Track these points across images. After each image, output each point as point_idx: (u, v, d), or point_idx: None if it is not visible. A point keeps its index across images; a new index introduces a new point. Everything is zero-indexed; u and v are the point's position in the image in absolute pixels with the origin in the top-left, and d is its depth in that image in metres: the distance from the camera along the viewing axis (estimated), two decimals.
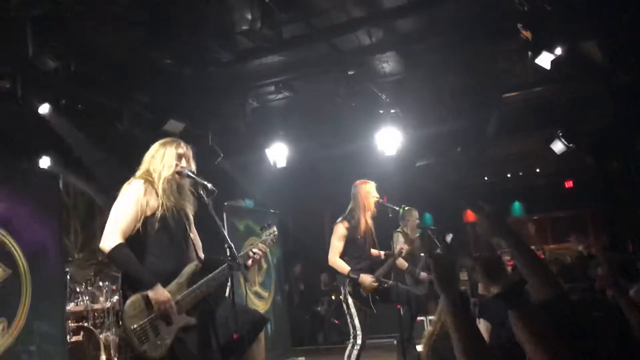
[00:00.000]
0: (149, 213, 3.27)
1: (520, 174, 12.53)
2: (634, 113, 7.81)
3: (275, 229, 3.94)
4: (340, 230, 5.41)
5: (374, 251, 5.72)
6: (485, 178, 12.56)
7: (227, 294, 3.69)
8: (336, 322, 9.69)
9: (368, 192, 5.51)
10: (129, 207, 3.25)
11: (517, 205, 13.56)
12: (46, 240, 5.92)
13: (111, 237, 3.18)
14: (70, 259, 7.15)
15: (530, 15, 5.82)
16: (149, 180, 3.35)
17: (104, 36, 6.18)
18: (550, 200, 12.60)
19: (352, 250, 5.40)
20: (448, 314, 1.61)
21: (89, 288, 6.87)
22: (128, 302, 3.14)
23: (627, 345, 1.73)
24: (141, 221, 3.26)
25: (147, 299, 3.13)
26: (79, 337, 6.36)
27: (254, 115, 8.41)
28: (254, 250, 3.64)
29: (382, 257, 5.73)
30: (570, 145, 8.66)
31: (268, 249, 3.89)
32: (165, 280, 3.24)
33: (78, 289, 6.81)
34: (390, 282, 5.58)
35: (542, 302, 1.68)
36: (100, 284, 6.96)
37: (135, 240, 3.27)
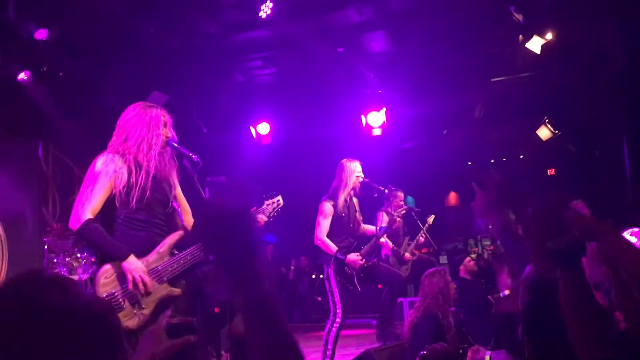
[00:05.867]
0: (120, 189, 3.17)
1: (504, 159, 12.56)
2: (621, 103, 7.84)
3: (280, 198, 3.71)
4: (326, 208, 5.37)
5: (368, 227, 5.69)
6: (469, 162, 12.58)
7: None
8: (319, 299, 9.72)
9: (353, 170, 5.47)
10: (97, 185, 3.15)
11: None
12: (24, 209, 5.82)
13: (79, 215, 3.09)
14: (47, 228, 7.02)
15: None
16: (123, 152, 3.24)
17: (88, 4, 6.01)
18: (532, 187, 12.67)
19: (336, 228, 5.37)
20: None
21: (66, 259, 6.75)
22: (100, 270, 3.07)
23: None
24: (115, 197, 3.18)
25: (119, 268, 3.06)
26: None
27: (239, 91, 8.30)
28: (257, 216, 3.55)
29: (373, 233, 5.66)
30: (557, 132, 8.69)
31: (268, 219, 3.70)
32: (145, 251, 3.18)
33: (55, 260, 6.69)
34: (374, 260, 5.56)
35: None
36: (79, 255, 6.84)
37: (109, 214, 3.19)
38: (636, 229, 2.67)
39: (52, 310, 0.96)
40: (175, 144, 3.33)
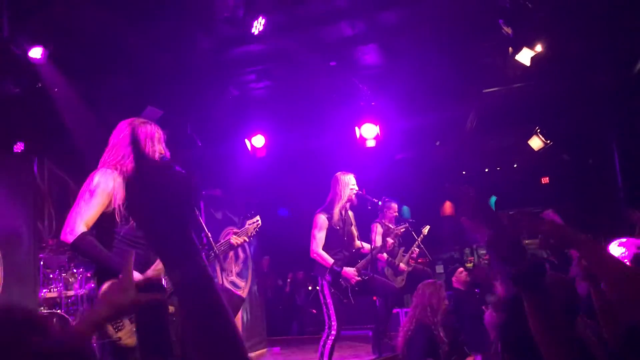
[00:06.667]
0: (119, 203, 3.19)
1: (498, 168, 12.63)
2: (611, 112, 7.93)
3: (258, 218, 3.92)
4: (320, 220, 5.40)
5: (360, 244, 5.73)
6: (463, 172, 12.64)
7: None
8: (314, 312, 9.73)
9: (347, 182, 5.52)
10: (94, 199, 3.18)
11: (493, 199, 13.70)
12: (19, 225, 5.83)
13: (73, 228, 3.09)
14: (43, 244, 7.04)
15: (512, 11, 5.86)
16: (121, 168, 3.27)
17: (83, 19, 6.06)
18: (526, 196, 12.74)
19: (331, 240, 5.41)
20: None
21: (62, 274, 6.77)
22: (104, 287, 3.07)
23: None
24: (114, 212, 3.20)
25: None
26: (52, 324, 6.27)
27: (234, 104, 8.34)
28: (234, 240, 3.63)
29: (369, 250, 5.71)
30: (548, 141, 8.76)
31: (249, 239, 3.85)
32: (141, 268, 3.19)
33: (51, 276, 6.71)
34: (370, 273, 5.60)
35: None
36: (74, 270, 6.86)
37: (109, 231, 3.20)
38: (624, 239, 2.69)
39: (31, 354, 0.93)
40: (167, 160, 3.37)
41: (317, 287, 5.47)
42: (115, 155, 3.32)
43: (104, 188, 3.18)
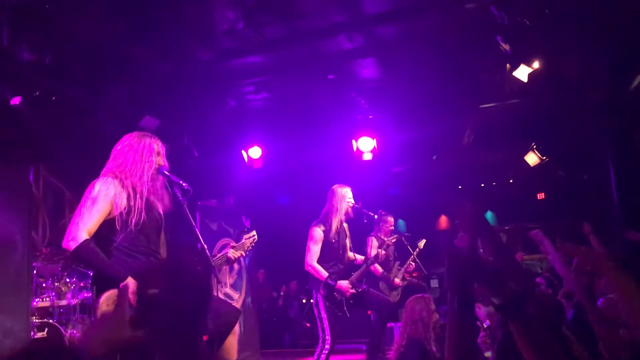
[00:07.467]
0: (120, 211, 3.22)
1: (494, 183, 12.67)
2: (607, 128, 7.96)
3: (255, 233, 3.96)
4: (316, 233, 5.39)
5: (353, 255, 5.72)
6: (459, 187, 12.66)
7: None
8: (307, 325, 9.68)
9: (344, 195, 5.52)
10: (96, 206, 3.18)
11: (489, 214, 13.73)
12: (13, 233, 5.79)
13: (75, 236, 3.10)
14: (37, 253, 7.00)
15: (510, 28, 5.90)
16: (120, 176, 3.30)
17: (83, 28, 6.07)
18: (522, 211, 12.76)
19: (326, 253, 5.39)
20: (450, 313, 1.54)
21: (55, 284, 6.73)
22: (103, 296, 3.07)
23: None
24: (114, 220, 3.21)
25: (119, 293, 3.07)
26: (43, 334, 6.22)
27: (231, 115, 8.35)
28: (232, 254, 3.67)
29: (362, 262, 5.71)
30: (544, 157, 8.79)
31: (245, 253, 3.90)
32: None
33: (44, 285, 6.67)
34: (364, 286, 5.58)
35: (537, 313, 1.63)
36: (68, 280, 6.82)
37: (107, 238, 3.22)
38: None
39: None
40: (166, 172, 3.39)
41: (312, 301, 5.45)
42: (114, 164, 3.36)
43: (105, 195, 3.21)
